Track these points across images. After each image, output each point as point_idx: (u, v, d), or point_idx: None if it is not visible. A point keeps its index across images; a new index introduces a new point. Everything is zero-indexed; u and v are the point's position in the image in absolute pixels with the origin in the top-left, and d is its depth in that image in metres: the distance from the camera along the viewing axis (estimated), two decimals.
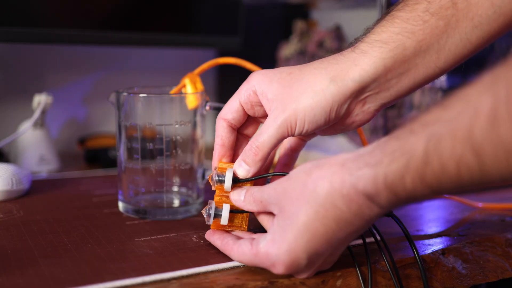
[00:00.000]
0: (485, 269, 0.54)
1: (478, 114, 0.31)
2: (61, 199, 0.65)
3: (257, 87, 0.48)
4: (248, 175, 0.47)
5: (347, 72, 0.45)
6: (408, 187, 0.35)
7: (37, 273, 0.43)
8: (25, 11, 0.74)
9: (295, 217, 0.40)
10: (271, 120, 0.46)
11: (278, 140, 0.46)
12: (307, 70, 0.47)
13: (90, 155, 0.88)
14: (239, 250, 0.44)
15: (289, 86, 0.46)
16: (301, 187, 0.40)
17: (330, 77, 0.45)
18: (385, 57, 0.45)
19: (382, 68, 0.45)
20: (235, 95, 0.50)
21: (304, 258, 0.41)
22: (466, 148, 0.32)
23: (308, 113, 0.45)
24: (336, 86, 0.45)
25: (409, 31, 0.45)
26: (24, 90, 0.93)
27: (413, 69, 0.46)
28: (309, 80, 0.46)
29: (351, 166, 0.38)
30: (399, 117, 0.81)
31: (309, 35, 0.90)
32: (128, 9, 0.85)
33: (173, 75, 0.92)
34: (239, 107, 0.49)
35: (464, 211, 0.65)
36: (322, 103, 0.45)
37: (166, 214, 0.59)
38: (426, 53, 0.45)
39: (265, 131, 0.46)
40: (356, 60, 0.45)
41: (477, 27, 0.44)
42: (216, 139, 0.50)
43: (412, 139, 0.35)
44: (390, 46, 0.45)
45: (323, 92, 0.45)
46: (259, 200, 0.45)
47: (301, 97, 0.45)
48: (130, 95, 0.58)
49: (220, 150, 0.49)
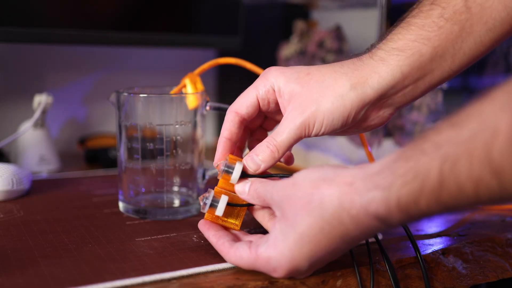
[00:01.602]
0: (485, 269, 0.54)
1: (496, 134, 0.31)
2: (61, 199, 0.65)
3: (275, 84, 0.48)
4: (258, 171, 0.47)
5: (367, 79, 0.46)
6: (423, 208, 0.35)
7: (37, 273, 0.43)
8: (25, 11, 0.74)
9: (299, 227, 0.40)
10: (290, 121, 0.46)
11: (296, 140, 0.46)
12: (327, 73, 0.47)
13: (90, 155, 0.88)
14: (236, 253, 0.44)
15: (308, 87, 0.46)
16: (306, 199, 0.40)
17: (350, 84, 0.46)
18: (402, 64, 0.45)
19: (399, 76, 0.45)
20: (252, 89, 0.49)
21: (306, 265, 0.41)
22: (484, 169, 0.31)
23: (327, 117, 0.45)
24: (356, 93, 0.45)
25: (424, 37, 0.45)
26: (24, 90, 0.93)
27: (429, 74, 0.46)
28: (329, 84, 0.46)
29: (360, 186, 0.37)
30: (399, 117, 0.81)
31: (309, 35, 0.90)
32: (128, 9, 0.85)
33: (173, 75, 0.92)
34: (255, 102, 0.49)
35: (464, 211, 0.65)
36: (341, 108, 0.45)
37: (166, 214, 0.59)
38: (442, 58, 0.45)
39: (283, 131, 0.46)
40: (375, 67, 0.46)
41: (490, 30, 0.45)
42: (224, 131, 0.49)
43: (424, 159, 0.34)
44: (407, 54, 0.45)
45: (343, 98, 0.45)
46: (262, 198, 0.44)
47: (321, 101, 0.45)
48: (130, 95, 0.58)
49: (226, 143, 0.49)
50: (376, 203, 0.36)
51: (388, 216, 0.36)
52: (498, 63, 0.86)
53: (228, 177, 0.47)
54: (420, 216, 0.36)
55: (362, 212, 0.37)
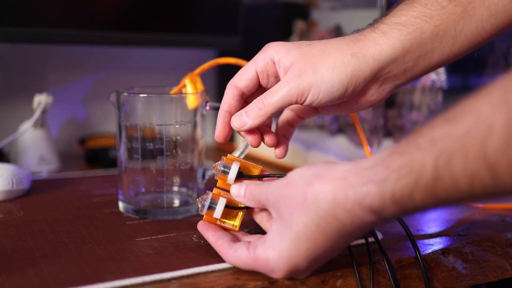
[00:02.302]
0: (485, 269, 0.54)
1: (491, 130, 0.31)
2: (61, 199, 0.65)
3: (275, 56, 0.47)
4: (243, 128, 0.47)
5: (368, 49, 0.46)
6: (417, 201, 0.35)
7: (37, 273, 0.43)
8: (25, 11, 0.74)
9: (295, 226, 0.40)
10: (284, 83, 0.46)
11: (286, 103, 0.46)
12: (329, 44, 0.47)
13: (90, 155, 0.88)
14: (235, 254, 0.44)
15: (309, 55, 0.46)
16: (301, 197, 0.40)
17: (351, 53, 0.46)
18: (404, 39, 0.46)
19: (400, 50, 0.46)
20: (251, 63, 0.49)
21: (305, 265, 0.41)
22: (479, 164, 0.31)
23: (325, 83, 0.45)
24: (357, 61, 0.45)
25: (427, 15, 0.46)
26: (24, 90, 0.93)
27: (430, 53, 0.46)
28: (330, 53, 0.46)
29: (354, 181, 0.37)
30: (399, 117, 0.81)
31: (309, 35, 0.90)
32: (128, 9, 0.85)
33: (173, 75, 0.92)
34: (254, 76, 0.49)
35: (464, 211, 0.65)
36: (341, 75, 0.45)
37: (166, 214, 0.59)
38: (443, 38, 0.46)
39: (276, 91, 0.46)
40: (377, 40, 0.46)
41: (493, 16, 0.45)
42: (223, 105, 0.49)
43: (419, 154, 0.34)
44: (409, 29, 0.46)
45: (344, 65, 0.45)
46: (258, 199, 0.44)
47: (321, 66, 0.45)
48: (130, 95, 0.58)
49: (225, 116, 0.49)
50: (371, 197, 0.36)
51: (382, 209, 0.36)
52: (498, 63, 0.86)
53: (225, 177, 0.47)
54: (414, 209, 0.36)
55: (356, 206, 0.37)
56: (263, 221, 0.47)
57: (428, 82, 0.81)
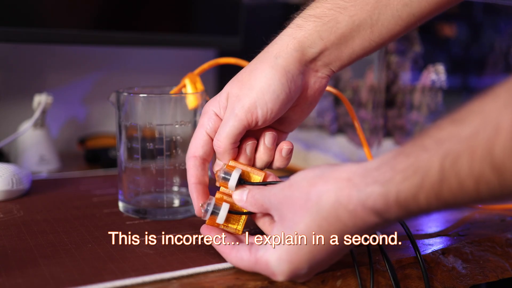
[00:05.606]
0: (485, 269, 0.54)
1: (498, 131, 0.31)
2: (61, 199, 0.65)
3: (214, 109, 0.49)
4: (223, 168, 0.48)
5: (287, 45, 0.47)
6: (422, 203, 0.35)
7: (37, 273, 0.43)
8: (25, 11, 0.74)
9: (296, 227, 0.40)
10: (229, 112, 0.47)
11: (240, 129, 0.47)
12: (253, 61, 0.49)
13: (90, 155, 0.88)
14: (237, 255, 0.43)
15: (239, 79, 0.48)
16: (304, 198, 0.40)
17: (274, 55, 0.47)
18: (320, 29, 0.47)
19: (318, 39, 0.47)
20: (199, 128, 0.49)
21: (305, 268, 0.41)
22: (486, 166, 0.31)
23: (266, 92, 0.46)
24: (282, 59, 0.47)
25: (341, 6, 0.48)
26: (24, 90, 0.93)
27: (350, 41, 0.48)
28: (257, 67, 0.47)
29: (358, 181, 0.37)
30: (399, 117, 0.81)
31: None
32: (128, 9, 0.85)
33: (173, 75, 0.92)
34: (207, 139, 0.49)
35: (464, 211, 0.65)
36: (276, 76, 0.46)
37: (166, 214, 0.59)
38: (360, 27, 0.48)
39: (224, 123, 0.47)
40: (293, 34, 0.48)
41: (407, 5, 0.47)
42: (191, 178, 0.49)
43: (424, 155, 0.34)
44: (324, 20, 0.48)
45: (273, 68, 0.46)
46: (260, 203, 0.44)
47: (254, 81, 0.47)
48: (130, 95, 0.58)
49: (198, 188, 0.48)
50: (374, 198, 0.36)
51: (386, 211, 0.36)
52: (498, 63, 0.86)
53: (226, 184, 0.47)
54: (419, 212, 0.36)
55: (359, 207, 0.37)
56: (265, 226, 0.46)
57: (428, 82, 0.82)
